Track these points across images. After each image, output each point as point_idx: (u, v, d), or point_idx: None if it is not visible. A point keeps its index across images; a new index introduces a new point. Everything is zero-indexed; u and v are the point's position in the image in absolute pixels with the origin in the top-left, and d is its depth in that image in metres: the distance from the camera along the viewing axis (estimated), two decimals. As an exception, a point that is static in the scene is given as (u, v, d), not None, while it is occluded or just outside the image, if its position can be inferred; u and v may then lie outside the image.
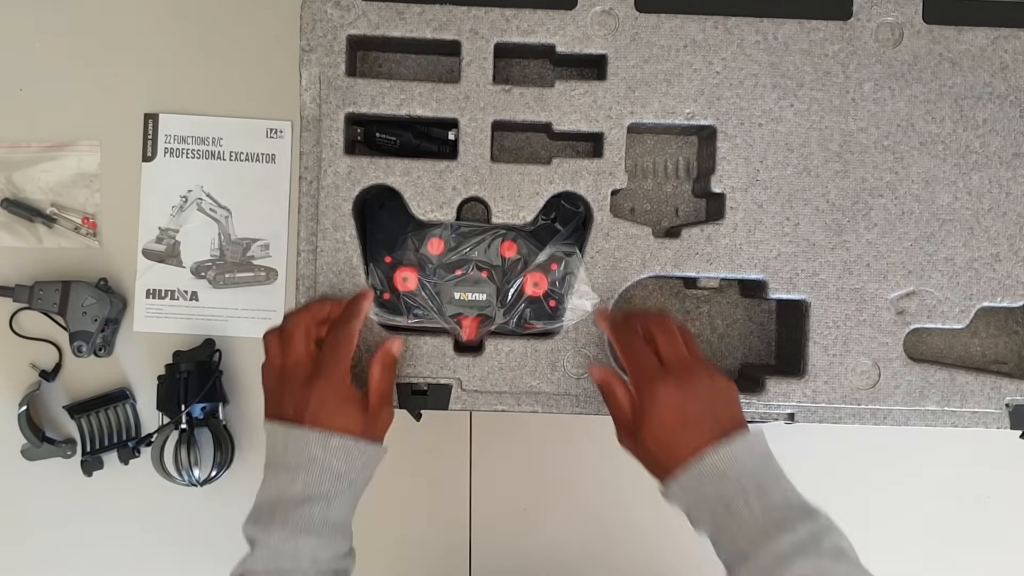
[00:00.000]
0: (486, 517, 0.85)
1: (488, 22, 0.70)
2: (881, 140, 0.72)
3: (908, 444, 0.86)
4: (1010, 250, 0.72)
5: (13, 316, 0.83)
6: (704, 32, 0.71)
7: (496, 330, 0.71)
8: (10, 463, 0.82)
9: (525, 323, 0.72)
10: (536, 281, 0.71)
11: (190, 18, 0.84)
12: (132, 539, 0.84)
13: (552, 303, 0.72)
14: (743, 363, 0.80)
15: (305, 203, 0.71)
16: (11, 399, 0.82)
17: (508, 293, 0.72)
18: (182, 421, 0.79)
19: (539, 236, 0.72)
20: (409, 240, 0.71)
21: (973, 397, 0.72)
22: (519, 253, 0.72)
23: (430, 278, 0.71)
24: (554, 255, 0.71)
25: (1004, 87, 0.72)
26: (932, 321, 0.72)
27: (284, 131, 0.84)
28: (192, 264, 0.84)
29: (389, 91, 0.70)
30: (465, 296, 0.72)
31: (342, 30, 0.70)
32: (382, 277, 0.71)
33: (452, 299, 0.72)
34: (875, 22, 0.72)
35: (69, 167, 0.83)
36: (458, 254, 0.72)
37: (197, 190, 0.83)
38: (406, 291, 0.71)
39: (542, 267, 0.72)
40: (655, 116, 0.71)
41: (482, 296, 0.71)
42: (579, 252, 0.71)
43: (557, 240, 0.71)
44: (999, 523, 0.87)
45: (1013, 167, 0.72)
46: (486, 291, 0.72)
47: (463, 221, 0.72)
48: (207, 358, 0.81)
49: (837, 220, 0.72)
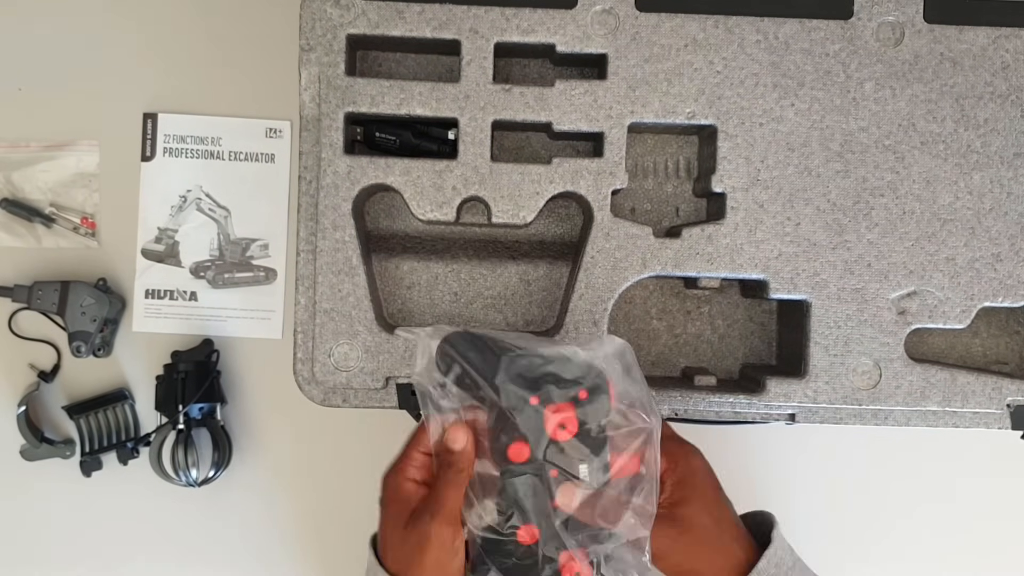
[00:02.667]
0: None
1: (488, 21, 0.70)
2: (882, 140, 0.72)
3: (908, 444, 0.86)
4: (1011, 250, 0.72)
5: (12, 316, 0.83)
6: (705, 31, 0.71)
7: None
8: (9, 464, 0.82)
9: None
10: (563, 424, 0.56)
11: (189, 17, 0.83)
12: (131, 539, 0.84)
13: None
14: (743, 363, 0.80)
15: (304, 203, 0.71)
16: (10, 400, 0.82)
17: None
18: (180, 421, 0.79)
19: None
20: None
21: (974, 397, 0.72)
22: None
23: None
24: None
25: (1005, 87, 0.72)
26: (933, 321, 0.72)
27: (283, 131, 0.84)
28: (191, 264, 0.83)
29: (389, 90, 0.70)
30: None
31: (342, 29, 0.70)
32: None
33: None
34: (876, 21, 0.71)
35: (68, 167, 0.83)
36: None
37: (196, 190, 0.83)
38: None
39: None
40: (656, 116, 0.71)
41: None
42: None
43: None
44: (999, 523, 0.86)
45: (1014, 167, 0.72)
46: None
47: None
48: (205, 358, 0.81)
49: (838, 220, 0.71)
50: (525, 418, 0.55)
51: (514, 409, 0.55)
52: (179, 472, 0.80)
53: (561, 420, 0.55)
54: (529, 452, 0.55)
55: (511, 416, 0.55)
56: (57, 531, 0.84)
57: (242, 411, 0.84)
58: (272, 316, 0.84)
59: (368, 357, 0.71)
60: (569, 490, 0.54)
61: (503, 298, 0.79)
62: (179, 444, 0.80)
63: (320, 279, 0.71)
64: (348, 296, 0.71)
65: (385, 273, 0.78)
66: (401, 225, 0.79)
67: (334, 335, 0.71)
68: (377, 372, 0.71)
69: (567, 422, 0.55)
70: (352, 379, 0.71)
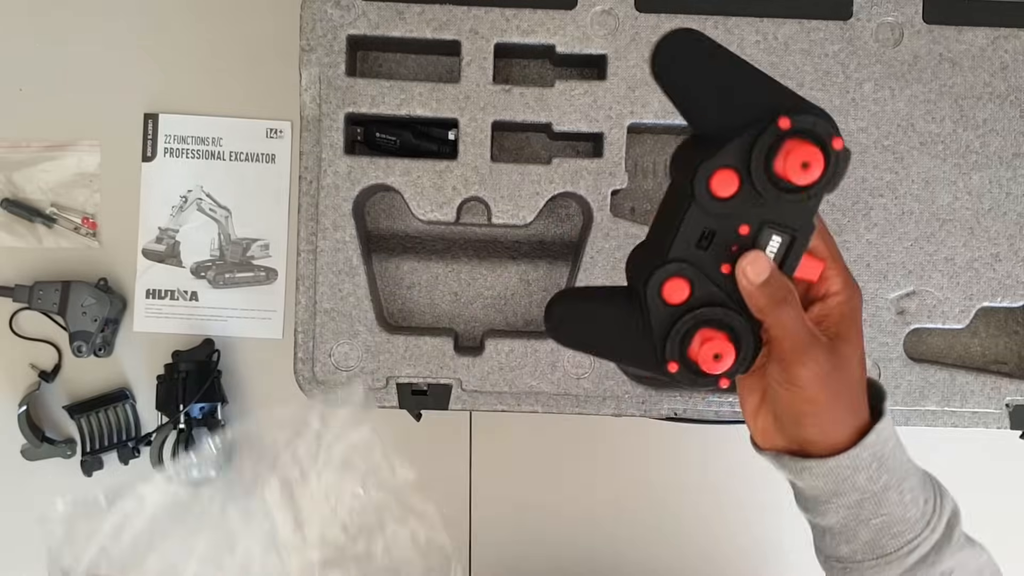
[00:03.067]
0: (486, 517, 0.85)
1: (488, 22, 0.70)
2: (881, 140, 0.72)
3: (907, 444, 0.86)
4: (1010, 250, 0.72)
5: (13, 316, 0.83)
6: (704, 32, 0.71)
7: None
8: (10, 463, 0.82)
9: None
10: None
11: (190, 18, 0.84)
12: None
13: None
14: (743, 363, 0.80)
15: (305, 203, 0.71)
16: (11, 399, 0.82)
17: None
18: (180, 421, 0.79)
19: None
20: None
21: (973, 397, 0.72)
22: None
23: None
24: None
25: (1004, 87, 0.72)
26: (932, 321, 0.72)
27: (284, 131, 0.84)
28: (192, 264, 0.84)
29: (389, 91, 0.70)
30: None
31: (342, 30, 0.70)
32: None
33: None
34: (875, 22, 0.72)
35: (69, 167, 0.83)
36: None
37: (197, 190, 0.83)
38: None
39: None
40: (655, 116, 0.71)
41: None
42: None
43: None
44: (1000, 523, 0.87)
45: (1013, 167, 0.72)
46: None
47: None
48: (206, 358, 0.81)
49: (837, 220, 0.72)
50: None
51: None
52: (179, 472, 0.80)
53: (804, 157, 0.43)
54: (738, 182, 0.44)
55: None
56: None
57: (243, 410, 0.84)
58: (272, 316, 0.84)
59: (368, 357, 0.71)
60: (758, 258, 0.45)
61: (503, 298, 0.79)
62: (179, 444, 0.80)
63: (320, 279, 0.71)
64: (348, 296, 0.71)
65: (385, 273, 0.78)
66: (401, 225, 0.79)
67: (334, 335, 0.71)
68: (377, 372, 0.71)
69: (811, 158, 0.43)
70: (352, 379, 0.71)
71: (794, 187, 0.44)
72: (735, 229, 0.46)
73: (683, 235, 0.46)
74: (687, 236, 0.46)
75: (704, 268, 0.46)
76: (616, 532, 0.85)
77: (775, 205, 0.45)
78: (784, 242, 0.46)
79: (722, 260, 0.46)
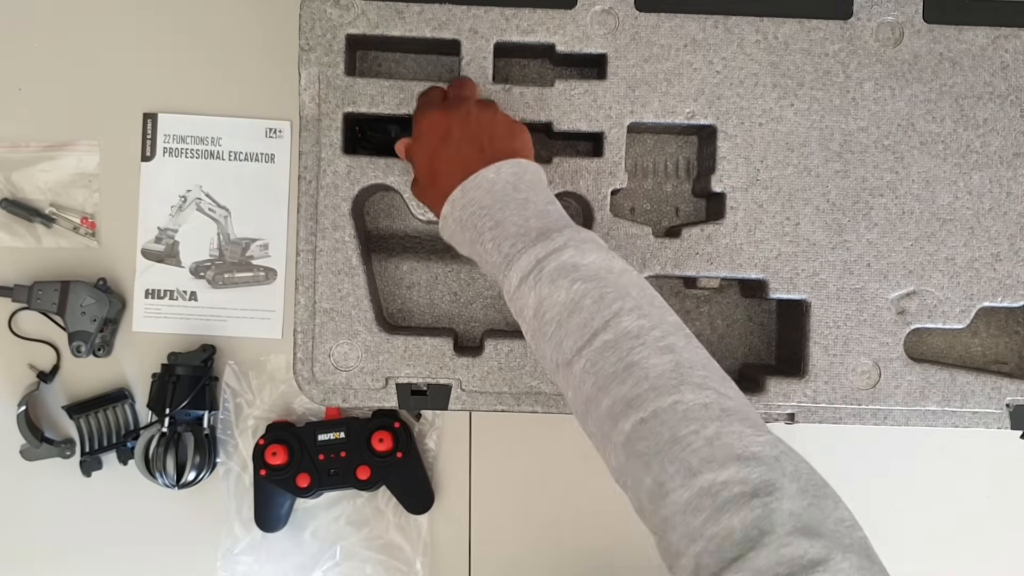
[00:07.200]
0: (486, 517, 0.85)
1: (488, 21, 0.70)
2: (881, 140, 0.72)
3: (907, 444, 0.86)
4: (1011, 250, 0.72)
5: (12, 316, 0.83)
6: (704, 31, 0.71)
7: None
8: (9, 463, 0.82)
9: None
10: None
11: (189, 18, 0.83)
12: (131, 539, 0.84)
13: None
14: (743, 363, 0.80)
15: (304, 203, 0.71)
16: (10, 399, 0.82)
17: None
18: (164, 424, 0.79)
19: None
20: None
21: (974, 397, 0.72)
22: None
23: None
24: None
25: (1004, 86, 0.72)
26: (933, 321, 0.72)
27: (283, 131, 0.84)
28: (191, 264, 0.83)
29: (389, 90, 0.70)
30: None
31: (341, 29, 0.70)
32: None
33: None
34: (875, 21, 0.71)
35: (68, 167, 0.83)
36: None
37: (196, 190, 0.83)
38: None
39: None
40: (655, 115, 0.71)
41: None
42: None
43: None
44: (1000, 523, 0.86)
45: (1014, 167, 0.72)
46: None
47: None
48: (201, 363, 0.81)
49: (837, 220, 0.72)
50: None
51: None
52: (155, 473, 0.79)
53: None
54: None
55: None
56: (57, 531, 0.84)
57: (241, 410, 0.84)
58: (272, 316, 0.84)
59: (368, 357, 0.71)
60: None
61: (503, 298, 0.78)
62: (160, 446, 0.79)
63: (320, 279, 0.71)
64: (348, 296, 0.71)
65: (385, 273, 0.78)
66: (401, 225, 0.79)
67: (334, 335, 0.71)
68: (377, 372, 0.71)
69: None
70: (352, 379, 0.71)
71: None
72: None
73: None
74: None
75: None
76: (616, 532, 0.85)
77: None
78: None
79: None
